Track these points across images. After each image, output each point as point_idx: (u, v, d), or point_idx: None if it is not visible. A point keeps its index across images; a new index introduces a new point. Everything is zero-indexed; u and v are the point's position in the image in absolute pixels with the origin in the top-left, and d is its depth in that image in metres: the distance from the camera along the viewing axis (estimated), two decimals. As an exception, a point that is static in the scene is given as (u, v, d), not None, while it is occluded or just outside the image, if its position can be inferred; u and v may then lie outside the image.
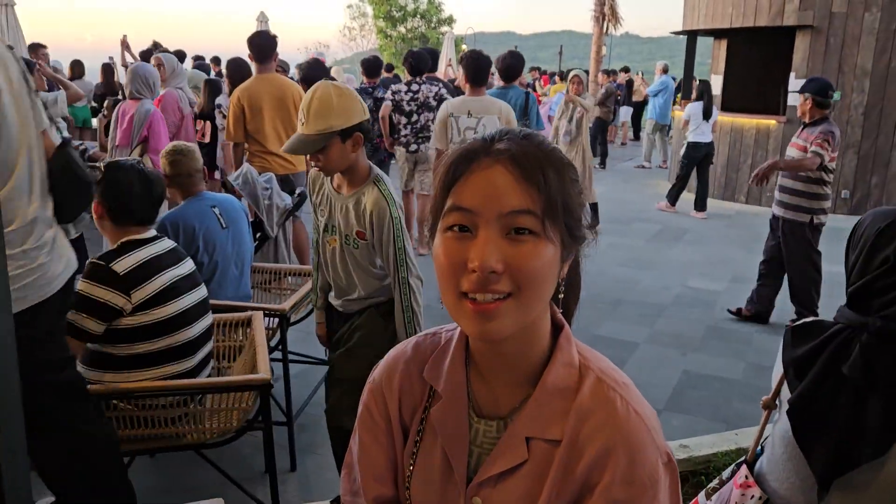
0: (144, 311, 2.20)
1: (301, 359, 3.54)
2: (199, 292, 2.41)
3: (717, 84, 9.69)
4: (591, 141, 7.37)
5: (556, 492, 0.84)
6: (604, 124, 11.88)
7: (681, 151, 8.30)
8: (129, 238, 2.26)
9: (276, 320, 3.01)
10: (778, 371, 1.52)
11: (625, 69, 16.41)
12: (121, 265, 2.16)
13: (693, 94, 8.51)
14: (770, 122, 8.58)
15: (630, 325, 4.70)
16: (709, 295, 5.34)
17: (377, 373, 1.02)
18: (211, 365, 2.53)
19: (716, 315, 4.83)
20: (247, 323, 2.76)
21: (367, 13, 36.95)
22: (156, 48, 8.99)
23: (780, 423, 1.49)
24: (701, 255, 6.52)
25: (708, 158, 8.04)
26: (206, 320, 2.44)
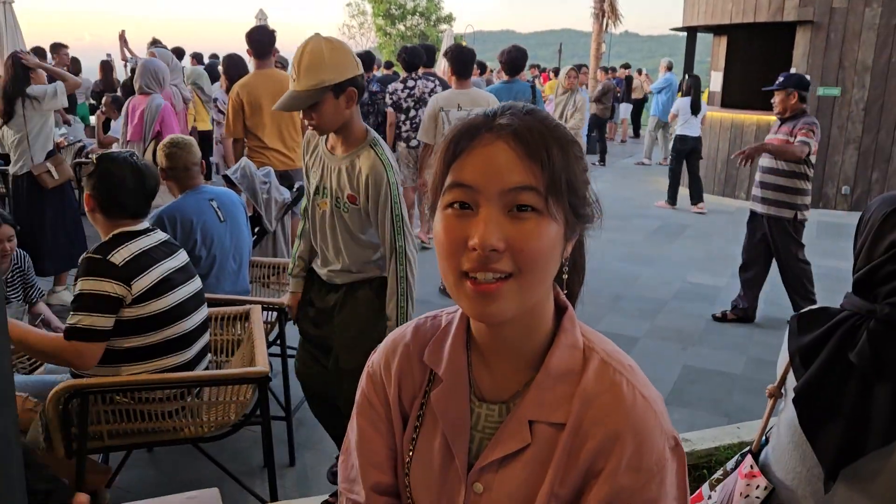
0: (140, 303, 2.16)
1: (300, 354, 3.51)
2: (194, 284, 2.38)
3: (717, 81, 9.67)
4: (587, 139, 7.41)
5: (559, 476, 0.82)
6: (601, 121, 11.86)
7: (669, 145, 8.40)
8: (121, 230, 2.22)
9: (274, 314, 2.99)
10: (784, 359, 1.50)
11: (624, 65, 16.38)
12: (118, 256, 2.13)
13: (682, 88, 8.58)
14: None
15: (630, 319, 4.68)
16: (709, 290, 5.33)
17: (375, 357, 1.00)
18: (208, 358, 2.51)
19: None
20: (245, 317, 2.73)
21: (367, 11, 36.79)
22: (154, 45, 8.95)
23: (786, 411, 1.46)
24: (701, 250, 6.50)
25: (695, 153, 8.15)
26: (201, 313, 2.41)
